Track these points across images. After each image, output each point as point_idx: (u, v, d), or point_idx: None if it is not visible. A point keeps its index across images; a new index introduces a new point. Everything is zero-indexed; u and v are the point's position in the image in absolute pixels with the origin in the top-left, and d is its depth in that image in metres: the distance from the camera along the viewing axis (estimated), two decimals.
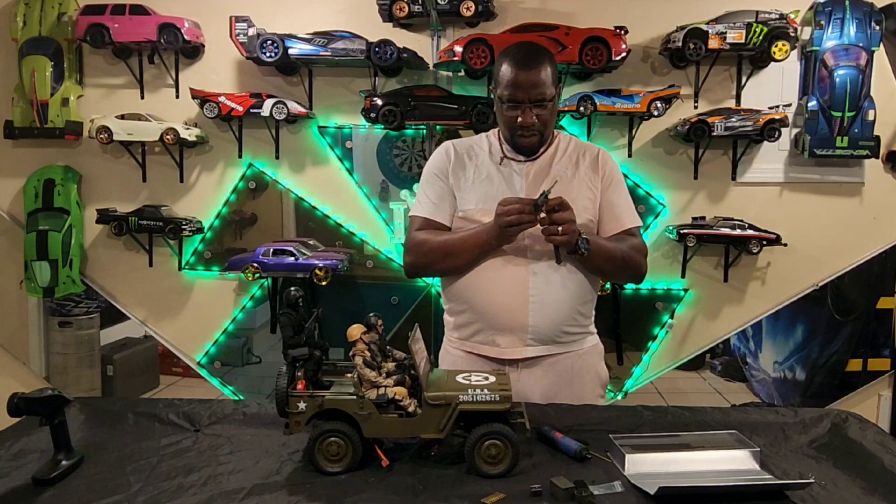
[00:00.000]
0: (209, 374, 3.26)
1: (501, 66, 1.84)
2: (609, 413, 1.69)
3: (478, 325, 1.86)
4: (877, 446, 1.49)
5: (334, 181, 3.14)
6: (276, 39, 2.88)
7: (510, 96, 1.81)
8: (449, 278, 1.91)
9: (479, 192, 1.87)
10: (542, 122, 1.83)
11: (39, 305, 3.37)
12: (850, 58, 2.86)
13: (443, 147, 1.98)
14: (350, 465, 1.35)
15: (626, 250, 1.86)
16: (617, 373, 3.15)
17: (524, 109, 1.81)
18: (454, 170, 1.92)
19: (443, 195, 1.91)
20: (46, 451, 1.41)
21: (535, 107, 1.81)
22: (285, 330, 1.38)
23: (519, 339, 1.82)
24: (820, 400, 3.35)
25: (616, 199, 1.92)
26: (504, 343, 1.83)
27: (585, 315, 1.91)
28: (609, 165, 1.94)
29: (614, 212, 1.91)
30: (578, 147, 1.96)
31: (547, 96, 1.81)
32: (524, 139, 1.85)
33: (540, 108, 1.82)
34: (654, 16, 2.96)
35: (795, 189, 3.05)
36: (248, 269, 3.02)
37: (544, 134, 1.87)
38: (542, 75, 1.80)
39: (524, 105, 1.80)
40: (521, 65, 1.80)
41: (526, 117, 1.81)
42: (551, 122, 1.89)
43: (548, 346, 1.84)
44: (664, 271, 3.09)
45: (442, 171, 1.93)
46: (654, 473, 1.32)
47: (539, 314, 1.81)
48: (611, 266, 1.86)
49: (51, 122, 3.05)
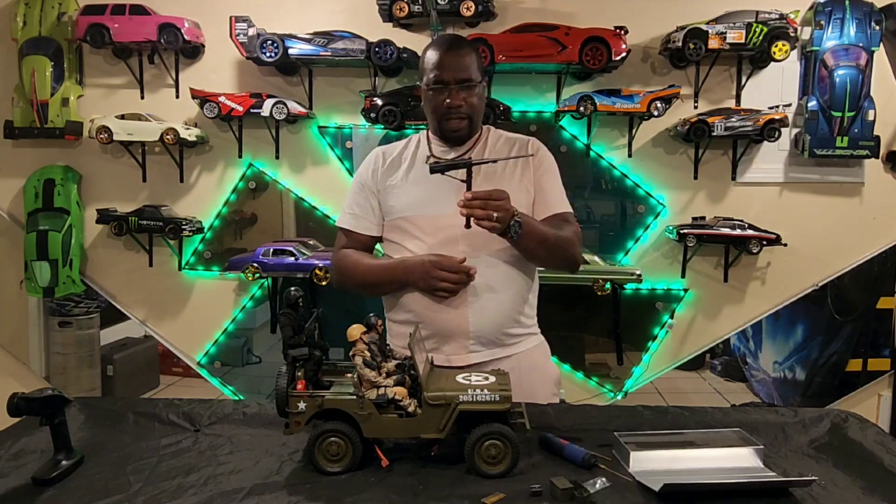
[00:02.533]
0: (209, 374, 3.26)
1: (426, 55, 1.86)
2: (609, 413, 1.70)
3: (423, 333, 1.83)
4: (877, 446, 1.50)
5: (334, 181, 3.14)
6: (276, 39, 2.88)
7: (436, 78, 1.81)
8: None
9: (410, 196, 1.86)
10: (469, 106, 1.82)
11: (39, 305, 3.37)
12: (850, 58, 2.86)
13: (371, 154, 1.98)
14: (350, 465, 1.35)
15: (560, 234, 1.81)
16: (617, 373, 3.15)
17: (451, 91, 1.80)
18: (382, 177, 1.91)
19: (365, 206, 1.92)
20: (46, 451, 1.41)
21: (462, 90, 1.81)
22: (285, 330, 1.38)
23: (461, 345, 1.81)
24: (820, 400, 3.35)
25: (546, 185, 1.89)
26: (448, 350, 1.82)
27: (527, 315, 1.90)
28: (541, 154, 1.92)
29: (544, 197, 1.88)
30: (509, 140, 1.94)
31: (473, 79, 1.82)
32: (452, 121, 1.83)
33: (467, 91, 1.81)
34: (654, 16, 2.96)
35: (795, 189, 3.05)
36: (248, 269, 3.02)
37: (473, 120, 1.86)
38: (467, 59, 1.82)
39: (451, 86, 1.80)
40: (445, 47, 1.84)
41: (454, 98, 1.80)
42: (479, 111, 1.88)
43: (491, 349, 1.83)
44: (664, 271, 3.09)
45: (366, 180, 1.93)
46: (659, 471, 1.32)
47: (479, 319, 1.80)
48: (542, 251, 1.79)
49: (51, 122, 3.05)
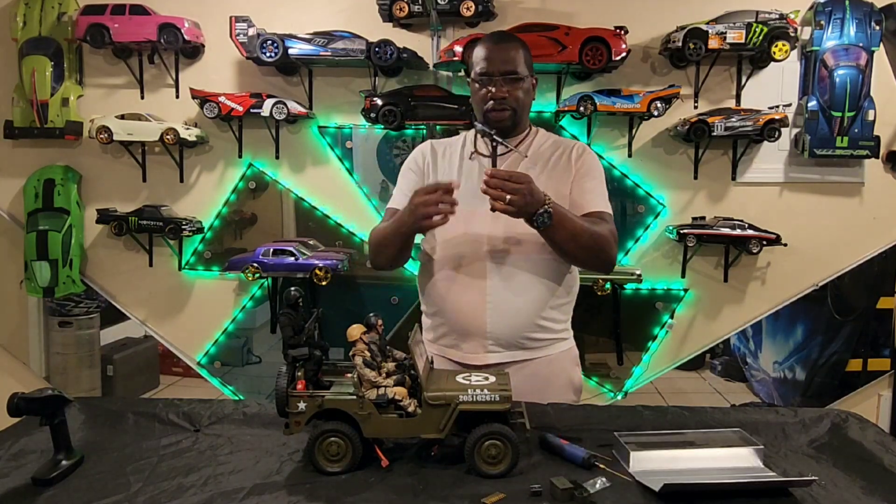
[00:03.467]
0: (209, 374, 3.26)
1: (475, 49, 1.88)
2: (609, 413, 1.69)
3: (444, 328, 1.86)
4: (877, 446, 1.49)
5: (334, 181, 3.14)
6: (276, 39, 2.88)
7: (481, 70, 1.82)
8: (424, 279, 1.91)
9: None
10: (514, 99, 1.82)
11: (39, 305, 3.37)
12: (850, 58, 2.86)
13: (421, 145, 2.01)
14: (350, 465, 1.35)
15: (595, 231, 1.73)
16: (617, 373, 3.15)
17: (495, 83, 1.81)
18: (429, 166, 1.93)
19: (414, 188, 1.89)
20: (46, 451, 1.41)
21: (507, 82, 1.81)
22: (285, 330, 1.38)
23: (480, 344, 1.81)
24: (820, 400, 3.35)
25: (586, 185, 1.84)
26: (467, 348, 1.82)
27: (555, 320, 1.86)
28: (585, 156, 1.89)
29: (582, 194, 1.82)
30: (556, 143, 1.93)
31: (518, 72, 1.82)
32: (495, 112, 1.82)
33: (511, 84, 1.81)
34: (654, 16, 2.96)
35: (795, 189, 3.04)
36: (248, 269, 3.02)
37: (518, 113, 1.85)
38: (513, 52, 1.82)
39: (495, 78, 1.81)
40: (493, 41, 1.87)
41: (498, 90, 1.80)
42: (525, 106, 1.88)
43: (511, 352, 1.82)
44: (664, 271, 3.09)
45: (417, 165, 1.95)
46: (659, 471, 1.32)
47: (497, 321, 1.79)
48: (574, 245, 1.70)
49: (51, 122, 3.05)
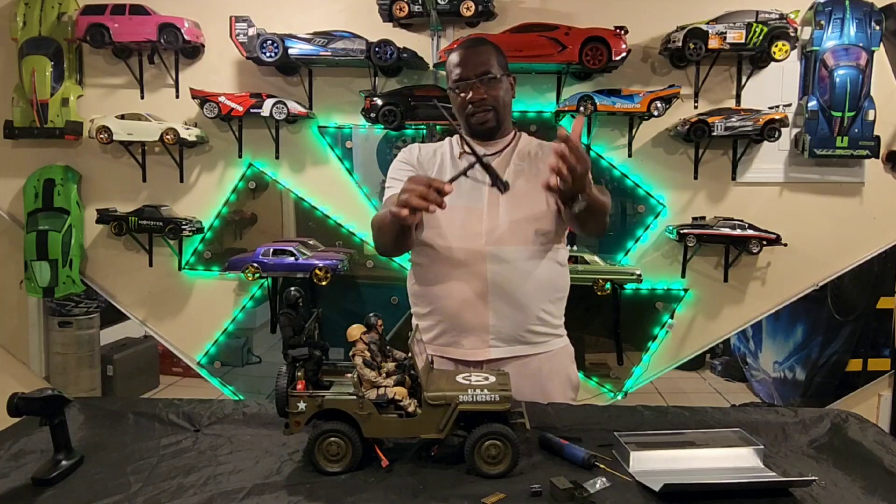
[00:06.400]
0: (209, 374, 3.26)
1: (448, 58, 1.88)
2: (609, 413, 1.69)
3: (442, 327, 1.85)
4: (877, 446, 1.49)
5: (334, 181, 3.14)
6: (276, 39, 2.88)
7: (457, 76, 1.84)
8: (416, 281, 1.91)
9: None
10: (493, 99, 1.83)
11: (39, 305, 3.37)
12: (850, 58, 2.86)
13: (407, 147, 1.99)
14: (350, 465, 1.34)
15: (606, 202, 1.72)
16: (617, 373, 3.15)
17: (473, 86, 1.82)
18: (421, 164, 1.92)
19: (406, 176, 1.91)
20: (46, 451, 1.41)
21: (484, 84, 1.81)
22: (285, 330, 1.38)
23: (481, 339, 1.80)
24: (820, 400, 3.35)
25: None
26: (467, 344, 1.82)
27: (553, 314, 1.88)
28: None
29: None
30: (541, 145, 1.94)
31: (493, 72, 1.82)
32: (477, 115, 1.83)
33: (489, 85, 1.82)
34: (654, 16, 2.96)
35: (795, 189, 3.04)
36: (248, 269, 3.02)
37: (499, 112, 1.85)
38: (485, 55, 1.83)
39: (471, 81, 1.81)
40: (464, 46, 1.88)
41: (476, 92, 1.81)
42: (505, 105, 1.87)
43: (512, 346, 1.82)
44: (664, 271, 3.09)
45: (410, 161, 1.94)
46: (659, 471, 1.32)
47: (499, 314, 1.79)
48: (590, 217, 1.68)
49: (51, 122, 3.05)
